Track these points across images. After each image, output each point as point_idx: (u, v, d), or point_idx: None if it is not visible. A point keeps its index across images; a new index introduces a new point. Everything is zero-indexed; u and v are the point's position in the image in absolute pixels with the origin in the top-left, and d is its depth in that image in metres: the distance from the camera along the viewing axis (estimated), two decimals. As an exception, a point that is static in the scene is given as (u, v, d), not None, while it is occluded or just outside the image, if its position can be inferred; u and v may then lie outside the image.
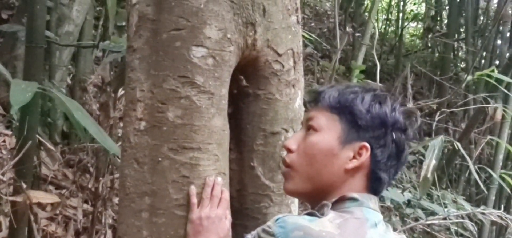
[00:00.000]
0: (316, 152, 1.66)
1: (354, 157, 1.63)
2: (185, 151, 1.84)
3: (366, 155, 1.62)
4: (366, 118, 1.63)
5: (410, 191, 5.35)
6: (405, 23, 12.48)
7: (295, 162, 1.72)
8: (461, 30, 10.46)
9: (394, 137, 1.64)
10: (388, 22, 12.72)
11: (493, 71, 4.82)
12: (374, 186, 1.66)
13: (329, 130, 1.66)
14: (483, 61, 8.57)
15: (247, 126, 2.11)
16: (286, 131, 2.12)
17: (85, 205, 4.31)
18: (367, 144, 1.62)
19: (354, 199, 1.61)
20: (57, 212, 4.04)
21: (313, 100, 1.76)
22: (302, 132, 1.76)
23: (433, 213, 4.86)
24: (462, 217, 4.69)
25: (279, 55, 2.07)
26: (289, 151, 1.75)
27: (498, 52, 8.24)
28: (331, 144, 1.65)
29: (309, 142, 1.69)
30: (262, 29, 1.99)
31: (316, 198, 1.66)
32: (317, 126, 1.68)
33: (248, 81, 2.08)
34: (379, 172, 1.64)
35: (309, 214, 1.58)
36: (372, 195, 1.66)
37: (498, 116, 5.55)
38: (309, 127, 1.71)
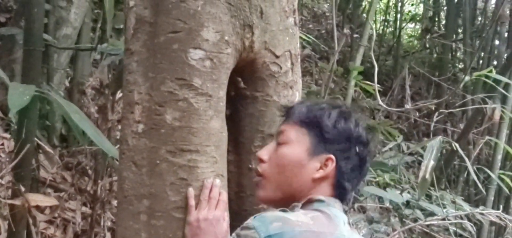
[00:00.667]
0: (286, 163, 1.79)
1: (320, 168, 1.77)
2: (183, 154, 1.84)
3: (331, 166, 1.76)
4: (333, 133, 1.78)
5: (408, 192, 5.34)
6: (403, 24, 12.50)
7: (267, 172, 1.84)
8: (459, 30, 10.47)
9: (357, 150, 1.78)
10: (386, 23, 12.72)
11: (491, 71, 4.83)
12: (338, 193, 1.78)
13: (298, 143, 1.80)
14: (481, 61, 8.58)
15: (245, 128, 2.11)
16: (284, 132, 2.12)
17: (83, 208, 4.31)
18: (332, 156, 1.76)
19: (320, 201, 1.74)
20: (56, 215, 4.04)
21: (284, 115, 1.89)
22: (273, 144, 1.87)
23: (432, 214, 4.85)
24: (461, 218, 4.69)
25: (277, 57, 2.07)
26: (261, 161, 1.86)
27: (496, 52, 8.26)
28: (300, 156, 1.78)
29: (280, 153, 1.81)
30: (259, 31, 2.00)
31: (285, 205, 1.76)
32: (287, 139, 1.81)
33: (246, 83, 2.09)
34: (343, 182, 1.77)
35: (281, 210, 1.70)
36: (337, 200, 1.78)
37: (496, 116, 5.55)
38: (280, 140, 1.83)
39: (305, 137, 1.79)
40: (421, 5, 13.02)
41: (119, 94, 3.69)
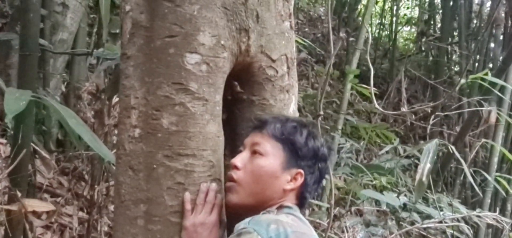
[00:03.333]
0: (262, 174, 1.90)
1: (291, 180, 1.92)
2: (180, 158, 1.84)
3: (300, 180, 1.93)
4: (304, 150, 1.94)
5: (405, 195, 5.35)
6: (399, 28, 12.51)
7: (241, 179, 1.91)
8: (455, 33, 10.49)
9: (320, 167, 1.98)
10: (381, 27, 12.75)
11: (486, 74, 4.84)
12: (300, 202, 1.96)
13: (274, 156, 1.92)
14: (476, 64, 8.60)
15: (242, 132, 2.11)
16: (281, 136, 2.13)
17: (80, 213, 4.30)
18: (302, 171, 1.93)
19: (289, 207, 1.90)
20: (53, 220, 4.03)
21: (257, 126, 1.98)
22: (247, 153, 1.95)
23: (428, 217, 4.86)
24: (458, 220, 4.70)
25: (273, 60, 2.08)
26: (236, 168, 1.93)
27: (491, 55, 8.27)
28: (275, 168, 1.91)
29: (257, 164, 1.91)
30: (255, 35, 2.00)
31: (254, 211, 1.86)
32: (263, 151, 1.91)
33: (242, 87, 2.09)
34: (306, 193, 1.96)
35: (264, 214, 1.84)
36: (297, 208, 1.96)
37: (492, 119, 5.57)
38: (255, 151, 1.92)
39: (280, 151, 1.92)
40: (417, 8, 13.04)
41: (115, 99, 3.68)
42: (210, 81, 1.87)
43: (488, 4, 9.59)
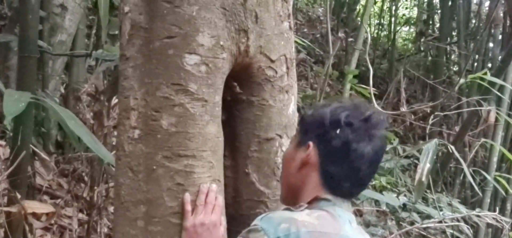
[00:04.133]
0: (284, 161, 1.93)
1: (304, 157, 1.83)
2: (179, 159, 1.84)
3: (311, 151, 1.79)
4: (309, 120, 1.85)
5: (405, 195, 5.36)
6: (398, 28, 12.52)
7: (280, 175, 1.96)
8: (453, 33, 10.50)
9: (338, 133, 1.76)
10: (380, 27, 12.75)
11: (485, 73, 4.84)
12: (327, 181, 1.79)
13: (292, 141, 1.94)
14: (475, 64, 8.60)
15: (241, 132, 2.11)
16: (280, 137, 2.13)
17: (80, 215, 4.30)
18: (310, 142, 1.80)
19: (327, 200, 1.77)
20: (52, 222, 4.02)
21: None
22: None
23: (428, 217, 4.86)
24: (458, 220, 4.70)
25: (272, 61, 2.08)
26: None
27: (490, 55, 8.28)
28: (290, 151, 1.90)
29: (283, 155, 1.97)
30: (254, 35, 2.00)
31: (292, 203, 1.82)
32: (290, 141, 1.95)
33: (242, 88, 2.09)
34: (327, 166, 1.78)
35: (286, 210, 1.78)
36: (345, 199, 1.81)
37: (492, 118, 5.57)
38: None
39: (297, 134, 1.92)
40: (415, 8, 13.05)
41: (114, 100, 3.68)
42: (210, 82, 1.87)
43: (487, 3, 9.61)
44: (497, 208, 5.73)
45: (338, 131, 1.76)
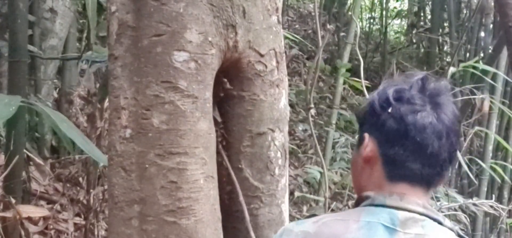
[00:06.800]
0: (351, 166, 1.77)
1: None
2: (172, 156, 1.83)
3: (366, 142, 1.63)
4: (361, 113, 1.72)
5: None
6: (389, 21, 12.54)
7: None
8: (445, 24, 10.52)
9: (390, 112, 1.59)
10: (372, 20, 12.77)
11: (477, 62, 4.85)
12: (391, 169, 1.59)
13: (358, 142, 1.72)
14: (468, 54, 8.62)
15: (233, 128, 2.11)
16: (272, 131, 2.13)
17: (77, 218, 4.29)
18: (366, 134, 1.64)
19: (367, 197, 1.61)
20: (49, 226, 4.02)
21: None
22: None
23: (425, 207, 4.86)
24: (455, 210, 4.71)
25: (262, 55, 2.08)
26: None
27: (482, 44, 8.29)
28: (354, 155, 1.74)
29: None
30: (243, 30, 2.00)
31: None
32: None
33: (232, 83, 2.08)
34: (388, 151, 1.58)
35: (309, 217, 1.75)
36: (416, 187, 1.59)
37: (486, 107, 5.58)
38: None
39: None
40: (406, 1, 13.07)
41: (107, 102, 3.67)
42: (199, 78, 1.87)
43: (477, -7, 9.61)
44: (494, 196, 5.76)
45: (389, 110, 1.58)
